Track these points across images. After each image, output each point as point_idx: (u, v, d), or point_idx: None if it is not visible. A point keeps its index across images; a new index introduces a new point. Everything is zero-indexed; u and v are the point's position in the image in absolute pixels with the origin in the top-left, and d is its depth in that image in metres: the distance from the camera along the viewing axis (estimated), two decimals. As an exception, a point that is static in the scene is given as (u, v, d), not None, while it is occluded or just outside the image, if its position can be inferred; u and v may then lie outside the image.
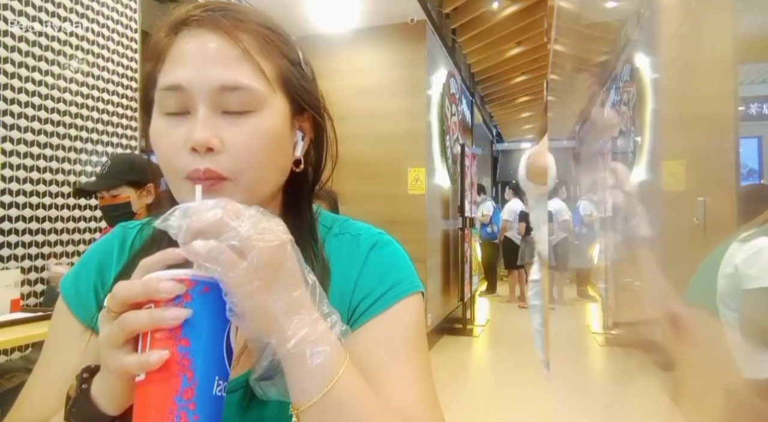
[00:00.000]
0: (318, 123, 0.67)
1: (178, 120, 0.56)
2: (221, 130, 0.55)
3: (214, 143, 0.54)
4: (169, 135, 0.57)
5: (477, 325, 6.09)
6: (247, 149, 0.56)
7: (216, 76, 0.55)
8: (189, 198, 0.56)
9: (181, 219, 0.45)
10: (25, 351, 2.38)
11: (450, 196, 5.92)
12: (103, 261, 0.69)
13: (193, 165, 0.55)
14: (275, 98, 0.59)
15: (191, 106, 0.56)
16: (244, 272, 0.44)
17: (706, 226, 3.00)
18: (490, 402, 3.70)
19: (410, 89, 4.87)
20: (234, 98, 0.56)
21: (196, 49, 0.56)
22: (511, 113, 10.92)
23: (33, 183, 2.48)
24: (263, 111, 0.58)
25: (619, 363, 4.69)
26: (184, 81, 0.55)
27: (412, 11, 4.65)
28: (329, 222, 0.72)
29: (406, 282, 0.66)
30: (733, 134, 2.69)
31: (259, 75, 0.57)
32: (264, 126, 0.57)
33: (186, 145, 0.55)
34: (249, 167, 0.57)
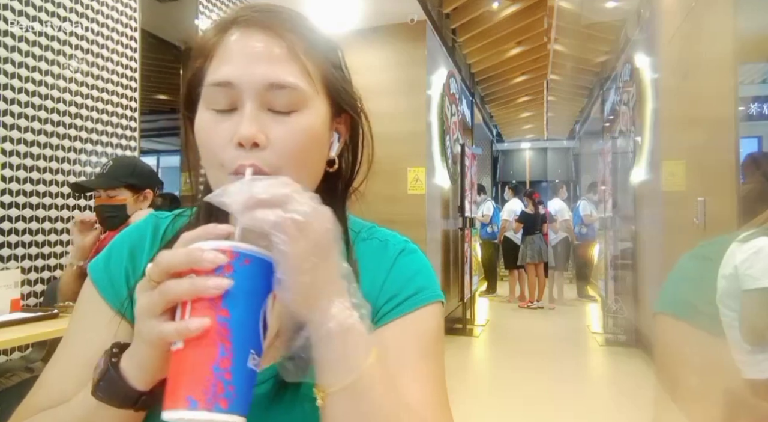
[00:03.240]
0: (354, 125, 0.69)
1: (224, 116, 0.58)
2: (266, 126, 0.57)
3: (260, 139, 0.56)
4: (215, 130, 0.58)
5: (477, 325, 6.08)
6: (290, 146, 0.58)
7: (264, 74, 0.57)
8: None
9: (241, 190, 0.46)
10: (25, 351, 2.39)
11: (450, 196, 5.92)
12: (135, 248, 0.69)
13: (239, 160, 0.56)
14: (317, 99, 0.61)
15: (238, 102, 0.57)
16: (305, 247, 0.45)
17: (706, 226, 3.00)
18: (490, 402, 3.70)
19: (410, 89, 4.87)
20: (280, 96, 0.57)
21: (245, 47, 0.58)
22: (511, 113, 10.92)
23: (33, 183, 2.48)
24: (306, 110, 0.59)
25: (619, 362, 4.69)
26: (234, 77, 0.57)
27: (412, 11, 4.65)
28: (358, 227, 0.73)
29: (429, 290, 0.68)
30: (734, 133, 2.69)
31: (305, 75, 0.59)
32: (307, 125, 0.59)
33: (232, 140, 0.56)
34: (290, 164, 0.58)
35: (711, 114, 3.01)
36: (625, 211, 5.54)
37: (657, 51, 4.37)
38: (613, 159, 5.78)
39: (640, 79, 4.96)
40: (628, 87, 5.48)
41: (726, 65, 2.78)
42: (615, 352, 5.02)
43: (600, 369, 4.73)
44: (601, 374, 4.60)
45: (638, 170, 5.11)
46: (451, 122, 6.03)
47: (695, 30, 3.32)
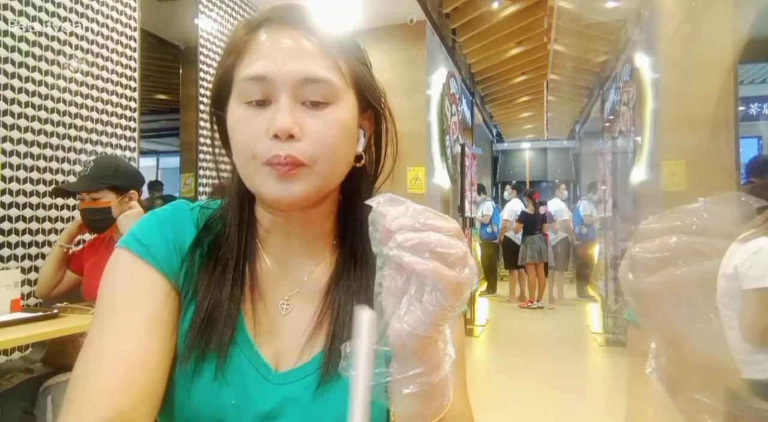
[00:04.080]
0: (378, 120, 0.71)
1: (259, 109, 0.60)
2: (301, 119, 0.59)
3: (295, 131, 0.58)
4: (250, 122, 0.60)
5: (477, 325, 6.08)
6: (325, 137, 0.60)
7: (298, 68, 0.59)
8: (265, 183, 0.60)
9: (408, 222, 0.44)
10: (25, 351, 2.39)
11: (450, 196, 5.92)
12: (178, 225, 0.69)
13: (275, 151, 0.58)
14: (348, 93, 0.63)
15: (273, 96, 0.60)
16: (449, 306, 0.43)
17: (706, 226, 2.99)
18: (490, 402, 3.70)
19: (410, 89, 4.87)
20: (315, 90, 0.60)
21: (278, 43, 0.60)
22: (511, 113, 10.92)
23: (33, 183, 2.48)
24: (338, 104, 0.61)
25: (618, 363, 4.69)
26: (269, 72, 0.59)
27: (412, 12, 4.65)
28: None
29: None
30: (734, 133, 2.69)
31: (337, 70, 0.61)
32: (339, 118, 0.61)
33: (268, 132, 0.58)
34: (325, 155, 0.60)
35: (711, 113, 3.01)
36: (625, 211, 5.54)
37: (657, 51, 4.37)
38: (613, 159, 5.78)
39: (640, 79, 4.96)
40: (628, 87, 5.48)
41: (726, 65, 2.78)
42: (615, 352, 5.02)
43: (600, 369, 4.73)
44: (601, 374, 4.60)
45: (638, 170, 5.11)
46: (450, 122, 6.03)
47: (695, 30, 3.32)
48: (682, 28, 3.58)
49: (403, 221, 0.44)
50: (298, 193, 0.60)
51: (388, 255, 0.43)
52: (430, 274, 0.41)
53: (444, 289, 0.42)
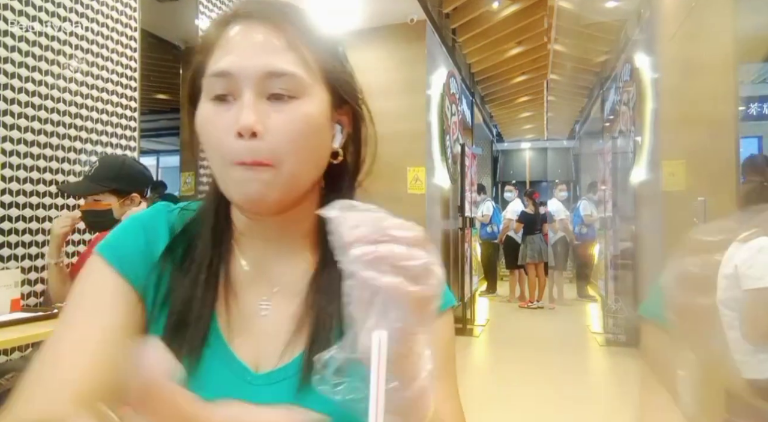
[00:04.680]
0: (357, 118, 0.70)
1: (224, 106, 0.59)
2: (266, 115, 0.58)
3: (258, 129, 0.57)
4: (215, 121, 0.59)
5: (477, 325, 6.08)
6: (289, 133, 0.58)
7: (262, 62, 0.58)
8: (235, 183, 0.59)
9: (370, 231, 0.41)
10: (25, 351, 2.38)
11: (450, 196, 5.92)
12: (150, 233, 0.68)
13: (239, 149, 0.57)
14: (316, 87, 0.61)
15: (237, 92, 0.58)
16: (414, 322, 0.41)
17: (706, 226, 2.99)
18: (490, 401, 3.70)
19: (410, 89, 4.87)
20: (279, 84, 0.58)
21: (245, 38, 0.60)
22: (511, 113, 10.92)
23: (33, 183, 2.48)
24: (305, 98, 0.60)
25: (618, 362, 4.69)
26: (232, 67, 0.58)
27: (412, 11, 4.65)
28: None
29: (447, 296, 0.68)
30: (734, 133, 2.69)
31: (303, 63, 0.60)
32: (306, 112, 0.59)
33: (232, 130, 0.57)
34: (291, 153, 0.59)
35: (711, 114, 3.01)
36: (625, 211, 5.54)
37: (657, 51, 4.37)
38: (613, 159, 5.78)
39: (640, 79, 4.96)
40: (628, 87, 5.48)
41: (726, 65, 2.78)
42: (615, 352, 5.02)
43: (600, 369, 4.73)
44: (601, 374, 4.60)
45: (638, 170, 5.11)
46: (451, 122, 6.03)
47: (696, 30, 3.32)
48: (683, 27, 3.58)
49: (361, 232, 0.41)
50: (265, 194, 0.59)
51: (347, 269, 0.41)
52: (391, 291, 0.40)
53: (407, 305, 0.40)
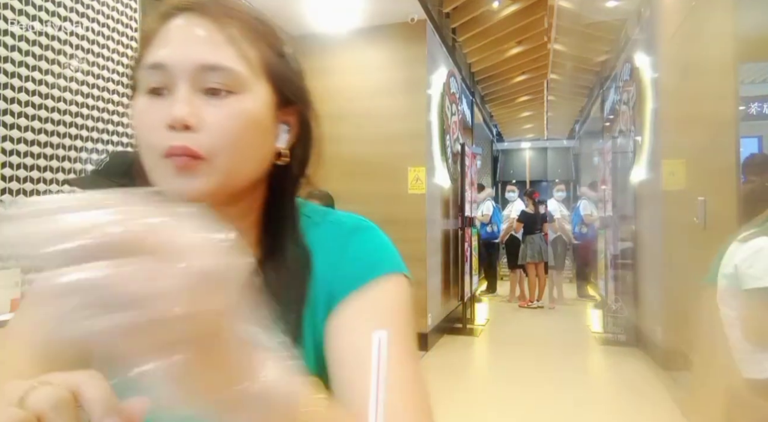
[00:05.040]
0: (305, 118, 0.68)
1: (158, 100, 0.57)
2: (200, 109, 0.56)
3: (191, 121, 0.55)
4: (148, 114, 0.57)
5: (477, 325, 6.08)
6: (225, 129, 0.57)
7: (197, 55, 0.56)
8: (164, 179, 0.57)
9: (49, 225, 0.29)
10: (25, 350, 2.38)
11: (450, 195, 5.92)
12: None
13: (170, 142, 0.55)
14: (258, 84, 0.60)
15: (172, 85, 0.57)
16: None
17: (706, 225, 3.00)
18: (490, 401, 3.71)
19: (410, 89, 4.87)
20: (215, 78, 0.57)
21: (182, 31, 0.58)
22: (511, 113, 10.92)
23: (33, 182, 2.48)
24: (244, 94, 0.58)
25: (618, 362, 4.69)
26: (166, 59, 0.56)
27: (413, 10, 4.65)
28: (311, 213, 0.71)
29: (387, 263, 0.66)
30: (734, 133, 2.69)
31: (242, 58, 0.58)
32: (244, 109, 0.58)
33: (164, 123, 0.55)
34: (226, 148, 0.57)
35: (711, 113, 3.01)
36: (625, 210, 5.54)
37: (657, 50, 4.37)
38: (613, 158, 5.78)
39: (640, 79, 4.96)
40: (628, 86, 5.48)
41: (726, 65, 2.78)
42: (615, 352, 5.02)
43: (600, 369, 4.73)
44: (600, 373, 4.60)
45: (638, 170, 5.11)
46: (451, 122, 6.03)
47: (696, 29, 3.32)
48: (683, 27, 3.58)
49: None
50: (198, 189, 0.57)
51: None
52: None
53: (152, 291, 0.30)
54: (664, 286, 4.14)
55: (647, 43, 4.74)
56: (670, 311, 3.96)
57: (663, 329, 4.18)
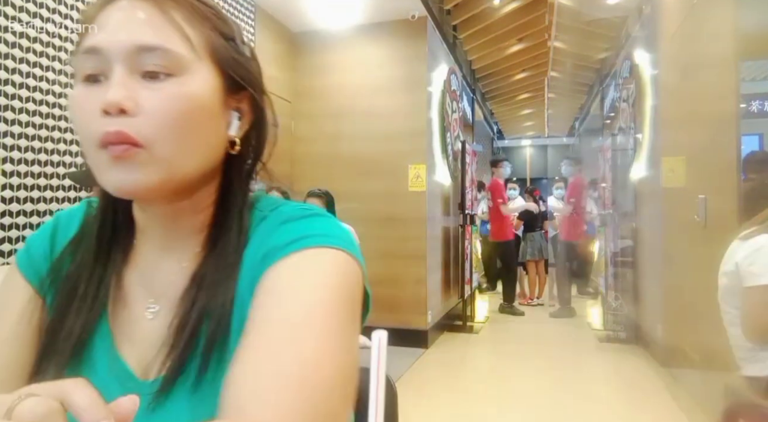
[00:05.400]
0: (258, 105, 0.65)
1: (95, 87, 0.54)
2: (138, 93, 0.53)
3: (127, 105, 0.52)
4: (84, 102, 0.54)
5: (477, 322, 6.09)
6: (165, 113, 0.54)
7: (131, 36, 0.53)
8: (102, 170, 0.54)
9: None
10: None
11: (450, 193, 5.92)
12: (60, 229, 0.68)
13: (105, 128, 0.52)
14: (201, 66, 0.57)
15: (108, 70, 0.54)
16: None
17: (706, 223, 3.00)
18: (490, 398, 3.71)
19: (411, 86, 4.87)
20: (151, 59, 0.54)
21: (119, 15, 0.55)
22: (512, 110, 10.91)
23: (34, 177, 2.48)
24: (186, 76, 0.55)
25: (618, 359, 4.70)
26: (101, 43, 0.54)
27: (413, 7, 4.64)
28: (263, 206, 0.66)
29: (319, 237, 0.57)
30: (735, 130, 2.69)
31: (182, 40, 0.55)
32: (186, 92, 0.55)
33: (99, 109, 0.53)
34: (166, 135, 0.54)
35: (712, 111, 3.01)
36: (625, 208, 5.54)
37: (658, 47, 4.36)
38: (613, 156, 5.78)
39: (639, 76, 4.96)
40: (628, 84, 5.48)
41: (728, 62, 2.78)
42: (615, 349, 5.03)
43: (600, 366, 4.73)
44: (600, 370, 4.61)
45: (638, 167, 5.11)
46: (451, 119, 6.02)
47: (697, 26, 3.32)
48: (684, 24, 3.57)
49: None
50: (139, 181, 0.54)
51: None
52: None
53: None
54: (664, 283, 4.15)
55: (648, 41, 4.74)
56: (671, 309, 3.96)
57: (663, 326, 4.19)
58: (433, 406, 3.48)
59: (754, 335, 1.88)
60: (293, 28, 4.99)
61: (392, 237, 4.79)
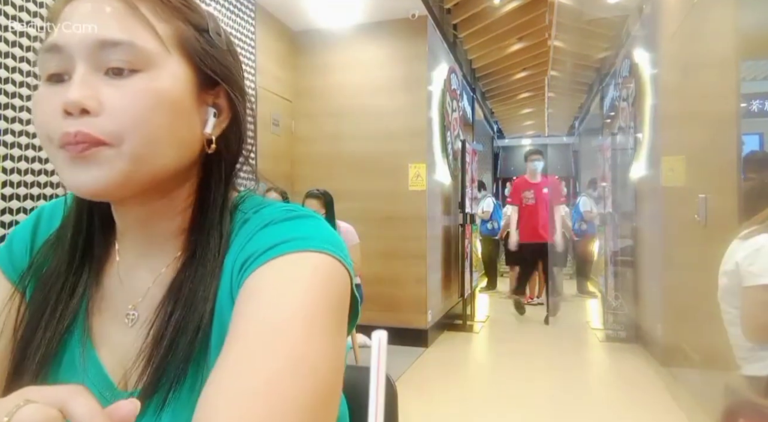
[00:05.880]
0: (233, 100, 0.61)
1: (57, 86, 0.52)
2: (100, 91, 0.51)
3: (89, 104, 0.50)
4: (45, 102, 0.52)
5: (477, 321, 6.09)
6: (130, 109, 0.51)
7: (95, 32, 0.51)
8: (62, 170, 0.52)
9: None
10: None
11: (450, 192, 5.92)
12: (42, 224, 0.67)
13: (64, 129, 0.50)
14: (170, 61, 0.54)
15: (71, 68, 0.52)
16: None
17: (707, 222, 3.00)
18: (490, 397, 3.71)
19: (411, 85, 4.87)
20: (115, 55, 0.51)
21: (82, 9, 0.52)
22: (512, 109, 10.91)
23: (35, 174, 2.48)
24: (153, 71, 0.53)
25: (618, 358, 4.70)
26: (62, 40, 0.51)
27: (414, 6, 4.64)
28: (247, 208, 0.63)
29: (301, 240, 0.54)
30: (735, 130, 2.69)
31: (149, 33, 0.53)
32: (153, 87, 0.52)
33: (60, 109, 0.50)
34: (134, 131, 0.51)
35: (712, 110, 3.01)
36: (625, 207, 5.54)
37: (658, 47, 4.36)
38: (613, 155, 5.78)
39: (639, 75, 4.96)
40: (628, 83, 5.48)
41: (728, 62, 2.78)
42: (615, 348, 5.03)
43: (600, 365, 4.74)
44: (601, 370, 4.61)
45: (638, 166, 5.11)
46: (452, 118, 6.02)
47: (697, 26, 3.31)
48: (684, 23, 3.57)
49: None
50: (100, 180, 0.51)
51: None
52: None
53: None
54: (664, 283, 4.15)
55: (648, 40, 4.74)
56: (671, 308, 3.96)
57: (663, 325, 4.19)
58: (433, 405, 3.48)
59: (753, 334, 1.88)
60: (294, 27, 4.99)
61: (392, 236, 4.79)
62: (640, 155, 5.03)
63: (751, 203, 2.24)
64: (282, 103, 4.82)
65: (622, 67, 5.79)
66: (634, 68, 5.15)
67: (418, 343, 4.76)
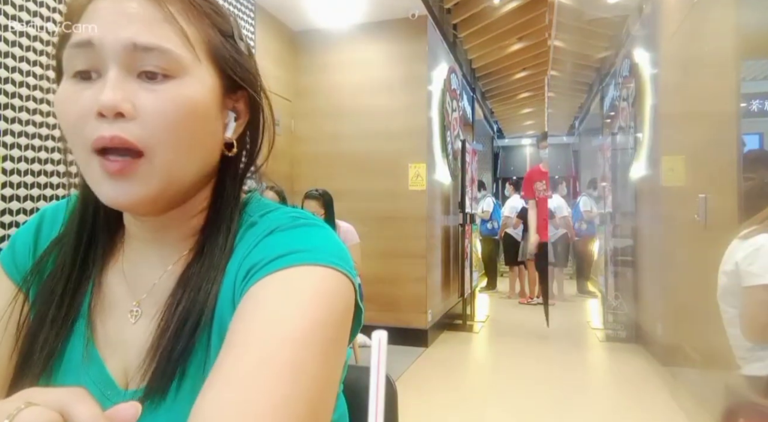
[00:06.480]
0: (255, 104, 0.61)
1: (87, 84, 0.52)
2: (134, 94, 0.50)
3: (124, 108, 0.49)
4: (75, 101, 0.52)
5: (477, 321, 6.09)
6: (163, 117, 0.51)
7: (129, 33, 0.50)
8: (97, 181, 0.51)
9: None
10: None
11: (450, 192, 5.92)
12: (45, 225, 0.67)
13: (98, 132, 0.49)
14: (200, 68, 0.54)
15: (101, 67, 0.51)
16: None
17: (707, 222, 3.00)
18: (490, 397, 3.71)
19: (411, 85, 4.86)
20: (149, 60, 0.50)
21: (114, 7, 0.51)
22: (512, 109, 10.91)
23: (35, 175, 2.48)
24: (185, 78, 0.52)
25: (618, 358, 4.70)
26: (95, 37, 0.50)
27: (414, 6, 4.64)
28: (253, 210, 0.63)
29: (308, 252, 0.53)
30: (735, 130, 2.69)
31: (182, 39, 0.52)
32: (185, 95, 0.52)
33: (93, 110, 0.50)
34: (165, 140, 0.51)
35: (713, 110, 3.01)
36: (625, 207, 5.54)
37: (658, 47, 4.36)
38: (613, 155, 5.78)
39: (639, 75, 4.96)
40: (628, 83, 5.48)
41: (728, 61, 2.78)
42: (615, 348, 5.03)
43: (600, 365, 4.74)
44: (601, 369, 4.61)
45: (638, 166, 5.11)
46: (452, 118, 6.02)
47: (697, 25, 3.31)
48: (684, 23, 3.57)
49: None
50: (135, 196, 0.51)
51: None
52: None
53: None
54: (664, 283, 4.15)
55: (648, 40, 4.73)
56: (670, 308, 3.96)
57: (663, 325, 4.19)
58: (433, 405, 3.48)
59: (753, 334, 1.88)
60: (293, 27, 4.99)
61: (392, 236, 4.79)
62: (640, 155, 5.03)
63: (751, 203, 2.24)
64: (282, 103, 4.82)
65: (622, 67, 5.79)
66: (634, 68, 5.15)
67: (417, 343, 4.76)
